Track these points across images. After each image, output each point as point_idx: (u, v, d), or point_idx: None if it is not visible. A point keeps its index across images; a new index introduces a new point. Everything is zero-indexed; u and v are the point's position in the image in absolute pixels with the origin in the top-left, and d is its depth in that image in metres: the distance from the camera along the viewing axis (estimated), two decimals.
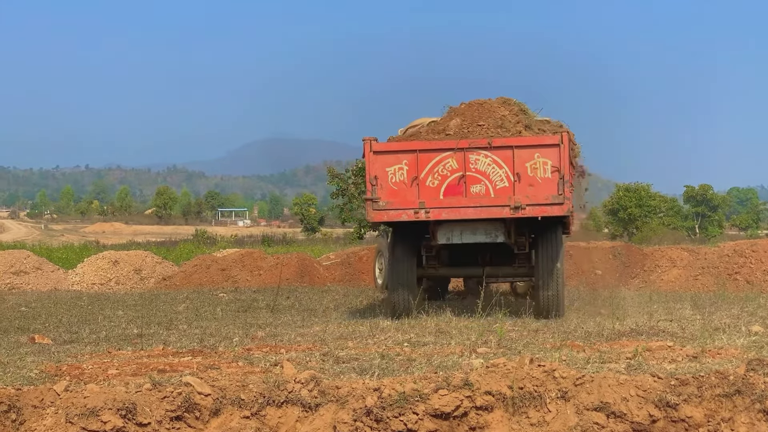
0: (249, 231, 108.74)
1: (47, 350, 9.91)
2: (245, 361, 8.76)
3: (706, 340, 9.89)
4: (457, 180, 12.70)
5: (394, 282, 13.50)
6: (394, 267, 13.56)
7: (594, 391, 7.01)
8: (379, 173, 12.82)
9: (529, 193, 12.59)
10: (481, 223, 13.00)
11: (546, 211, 12.75)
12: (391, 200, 12.81)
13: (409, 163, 12.77)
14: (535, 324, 11.83)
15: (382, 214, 12.91)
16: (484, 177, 12.68)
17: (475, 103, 13.64)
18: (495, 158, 12.63)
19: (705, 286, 22.08)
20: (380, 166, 12.84)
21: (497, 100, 13.78)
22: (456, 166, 12.70)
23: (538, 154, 12.62)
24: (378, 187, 12.79)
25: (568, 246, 27.97)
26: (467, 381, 7.03)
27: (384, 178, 12.80)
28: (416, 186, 12.73)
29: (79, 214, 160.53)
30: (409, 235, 13.59)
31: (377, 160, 12.86)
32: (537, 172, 12.59)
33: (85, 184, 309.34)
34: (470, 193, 12.70)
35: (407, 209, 12.76)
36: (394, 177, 12.80)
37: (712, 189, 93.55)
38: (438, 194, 12.74)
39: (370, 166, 12.88)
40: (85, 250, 46.41)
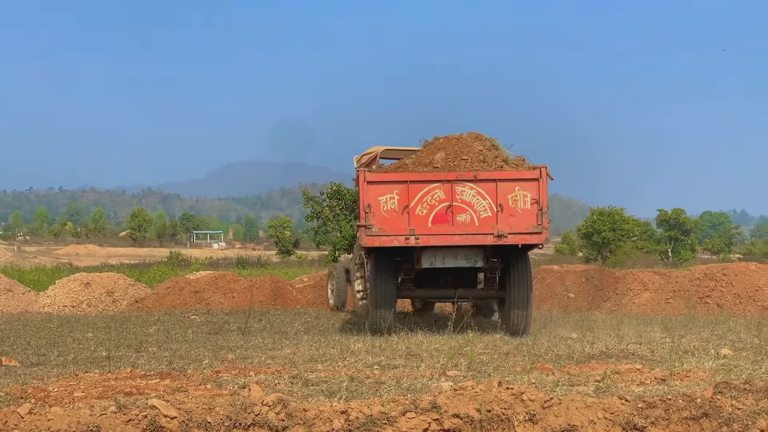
0: (224, 253, 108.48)
1: (13, 372, 9.81)
2: (213, 383, 8.70)
3: (674, 363, 9.92)
4: (444, 209, 13.67)
5: (377, 302, 14.31)
6: (377, 288, 14.35)
7: (562, 413, 7.02)
8: (372, 202, 13.66)
9: (510, 222, 13.61)
10: (462, 250, 14.01)
11: (526, 240, 13.75)
12: (383, 227, 13.64)
13: (399, 193, 13.69)
14: (506, 347, 11.84)
15: (375, 239, 13.69)
16: (469, 207, 13.67)
17: (453, 138, 14.47)
18: (479, 190, 13.67)
19: (676, 309, 22.19)
20: (373, 195, 13.68)
21: (469, 136, 14.61)
22: (443, 197, 13.67)
23: (518, 187, 13.68)
24: (371, 215, 13.63)
25: (542, 270, 28.07)
26: (435, 404, 7.03)
27: (377, 206, 13.66)
28: (406, 214, 13.63)
29: (52, 236, 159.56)
30: (390, 259, 14.45)
31: (370, 189, 13.70)
32: (518, 204, 13.64)
33: (59, 205, 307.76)
34: (456, 222, 13.66)
35: (398, 235, 13.65)
36: (385, 205, 13.68)
37: (684, 213, 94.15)
38: (426, 222, 13.67)
39: (364, 195, 13.71)
40: (57, 272, 46.14)
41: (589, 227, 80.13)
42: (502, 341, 12.57)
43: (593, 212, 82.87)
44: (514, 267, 14.37)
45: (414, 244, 13.77)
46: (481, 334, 13.47)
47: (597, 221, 79.35)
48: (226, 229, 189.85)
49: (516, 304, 14.21)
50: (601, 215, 79.83)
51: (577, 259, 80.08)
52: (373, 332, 14.10)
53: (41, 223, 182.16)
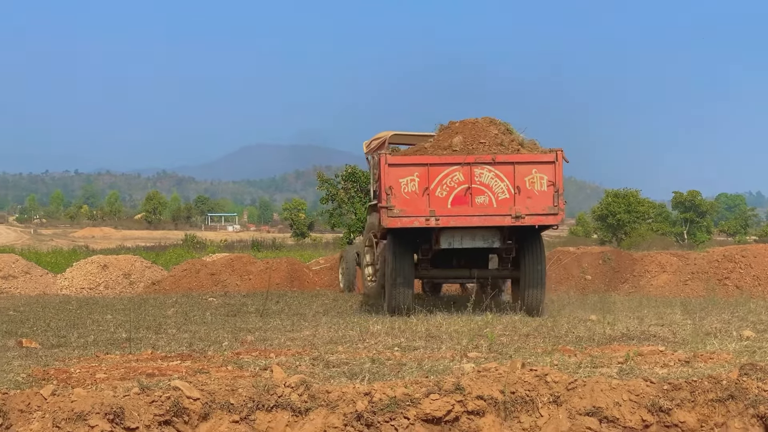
0: (239, 236, 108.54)
1: (35, 354, 9.81)
2: (235, 365, 8.68)
3: (697, 345, 9.86)
4: (463, 191, 13.94)
5: (396, 281, 14.53)
6: (396, 268, 14.55)
7: (586, 395, 6.97)
8: (394, 183, 13.94)
9: (528, 204, 13.91)
10: (479, 230, 14.30)
11: (543, 221, 14.08)
12: (404, 208, 13.92)
13: (420, 175, 13.97)
14: (525, 329, 11.79)
15: (396, 220, 13.97)
16: (487, 189, 13.95)
17: (469, 122, 14.79)
18: (497, 172, 13.94)
19: (694, 291, 22.08)
20: (394, 178, 13.95)
21: (484, 120, 14.92)
22: (462, 179, 13.94)
23: (535, 169, 13.97)
24: (392, 197, 13.91)
25: (558, 251, 27.97)
26: (459, 385, 6.98)
27: (398, 188, 13.93)
28: (427, 196, 13.92)
29: (68, 218, 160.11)
30: (408, 240, 14.72)
31: (391, 171, 13.97)
32: (534, 186, 13.93)
33: (75, 188, 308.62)
34: (475, 204, 13.95)
35: (419, 217, 13.93)
36: (406, 187, 13.96)
37: (700, 195, 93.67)
38: (446, 204, 13.95)
39: (385, 177, 13.98)
40: (74, 254, 46.25)
41: (604, 209, 79.84)
42: (522, 323, 12.52)
43: (608, 194, 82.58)
44: (528, 247, 14.67)
45: (434, 225, 14.02)
46: (499, 316, 13.43)
47: (612, 203, 79.05)
48: (241, 211, 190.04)
49: (531, 284, 14.53)
50: (616, 197, 79.53)
51: (592, 241, 79.85)
52: (392, 312, 14.35)
53: (57, 206, 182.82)
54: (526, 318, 13.27)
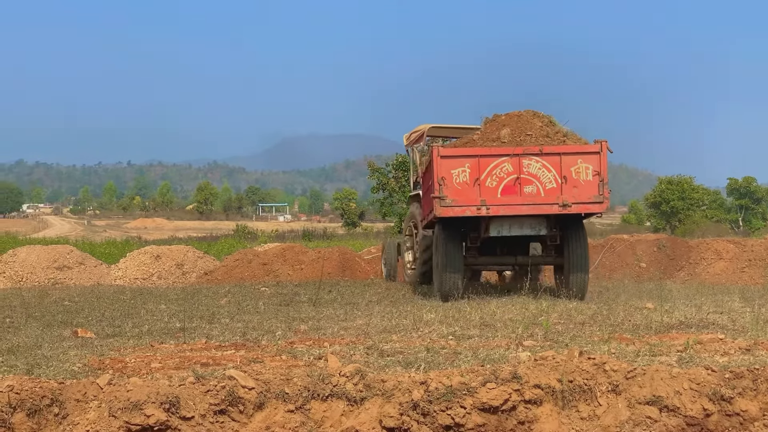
0: (290, 226, 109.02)
1: (90, 344, 9.86)
2: (289, 354, 8.66)
3: (758, 333, 9.67)
4: (512, 181, 14.47)
5: (446, 268, 15.14)
6: (446, 255, 15.17)
7: (646, 384, 6.85)
8: (446, 174, 14.47)
9: (574, 193, 14.44)
10: (527, 219, 14.86)
11: (589, 209, 14.73)
12: (456, 198, 14.45)
13: (471, 167, 14.50)
14: (580, 317, 11.65)
15: (449, 210, 14.50)
16: (535, 179, 14.49)
17: (514, 115, 15.43)
18: (545, 163, 14.47)
19: (752, 278, 21.76)
20: (446, 169, 14.48)
21: (528, 113, 15.54)
22: (511, 170, 14.47)
23: (581, 160, 14.50)
24: (444, 187, 14.44)
25: (611, 238, 27.71)
26: (516, 374, 6.89)
27: (449, 179, 14.46)
28: (477, 186, 14.44)
29: (121, 209, 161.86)
30: (457, 228, 15.31)
31: (443, 163, 14.50)
32: (580, 175, 14.46)
33: (127, 180, 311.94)
34: (524, 193, 14.47)
35: (470, 206, 14.46)
36: (458, 178, 14.49)
37: (755, 181, 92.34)
38: (496, 193, 14.47)
39: (438, 169, 14.49)
40: (128, 245, 46.68)
41: (658, 196, 79.05)
42: (577, 311, 12.37)
43: (661, 181, 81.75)
44: (572, 234, 15.28)
45: (485, 214, 14.55)
46: (554, 304, 13.30)
47: (665, 190, 78.25)
48: (292, 201, 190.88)
49: (576, 269, 15.13)
50: (670, 184, 78.72)
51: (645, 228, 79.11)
52: (444, 297, 14.92)
53: (110, 198, 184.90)
54: (581, 306, 13.12)
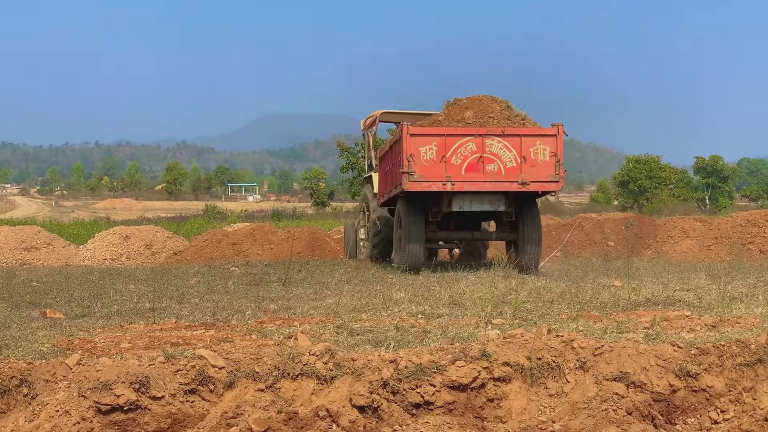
0: (259, 206, 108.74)
1: (59, 324, 9.83)
2: (259, 334, 8.67)
3: (724, 310, 9.78)
4: (476, 160, 15.37)
5: (409, 239, 16.13)
6: (410, 228, 16.14)
7: (613, 361, 6.91)
8: (414, 152, 15.33)
9: (532, 172, 15.37)
10: (488, 195, 15.80)
11: (546, 187, 15.71)
12: (423, 174, 15.35)
13: (438, 145, 15.38)
14: (549, 295, 11.73)
15: (416, 184, 15.40)
16: (497, 158, 15.39)
17: (475, 99, 16.27)
18: (506, 143, 15.38)
19: (718, 256, 21.96)
20: (414, 146, 15.35)
21: (487, 98, 16.36)
22: (475, 149, 15.37)
23: (539, 141, 15.42)
24: (413, 163, 15.31)
25: (580, 217, 27.85)
26: (485, 352, 6.94)
27: (417, 156, 15.33)
28: (443, 163, 15.33)
29: (89, 190, 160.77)
30: (421, 203, 16.26)
31: (412, 141, 15.37)
32: (538, 156, 15.39)
33: (95, 160, 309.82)
34: (486, 171, 15.39)
35: (437, 181, 15.39)
36: (425, 155, 15.36)
37: (722, 160, 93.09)
38: (460, 171, 15.37)
39: (407, 146, 15.33)
40: (96, 225, 46.42)
41: (625, 175, 79.51)
42: (546, 289, 12.46)
43: (629, 160, 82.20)
44: (527, 212, 16.33)
45: (450, 189, 15.48)
46: (522, 282, 13.38)
47: (633, 169, 78.71)
48: (261, 181, 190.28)
49: (529, 242, 16.19)
50: (638, 163, 79.18)
51: (613, 207, 79.53)
52: (403, 267, 15.96)
53: (78, 178, 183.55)
54: (549, 284, 13.21)
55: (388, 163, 17.46)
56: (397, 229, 16.94)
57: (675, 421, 6.91)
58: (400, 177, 15.55)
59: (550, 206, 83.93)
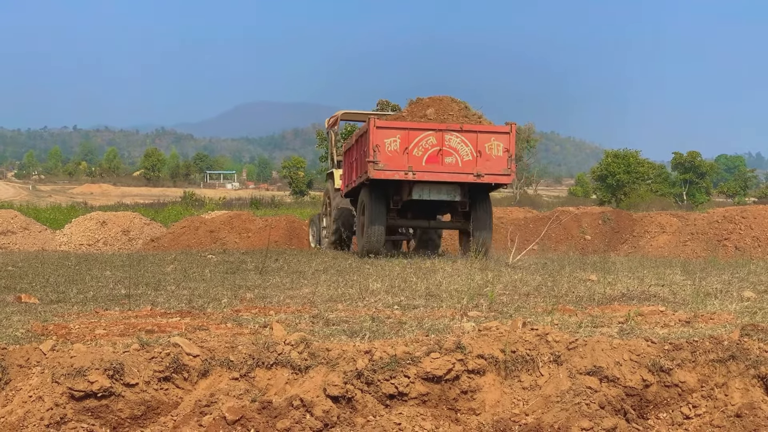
0: (237, 194, 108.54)
1: (34, 310, 9.78)
2: (234, 322, 8.66)
3: (698, 306, 9.84)
4: (435, 152, 16.71)
5: (372, 223, 17.38)
6: (372, 213, 17.38)
7: (587, 355, 6.95)
8: (380, 143, 16.60)
9: (487, 165, 16.77)
10: (445, 185, 17.12)
11: (498, 179, 17.14)
12: (387, 163, 16.64)
13: (401, 138, 16.67)
14: (525, 288, 11.77)
15: (380, 173, 16.70)
16: (455, 152, 16.74)
17: (436, 99, 17.70)
18: (463, 139, 16.73)
19: (694, 251, 22.09)
20: (380, 138, 16.62)
21: (447, 98, 17.74)
22: (435, 143, 16.71)
23: (494, 138, 16.85)
24: (378, 153, 16.58)
25: (558, 211, 27.96)
26: (459, 344, 6.96)
27: (383, 147, 16.59)
28: (406, 155, 16.63)
29: (67, 175, 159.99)
30: (383, 190, 17.55)
31: (378, 133, 16.64)
32: (493, 151, 16.76)
33: (73, 145, 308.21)
34: (445, 163, 16.76)
35: (399, 171, 16.71)
36: (390, 146, 16.62)
37: (700, 156, 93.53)
38: (421, 162, 16.70)
39: (373, 137, 16.60)
40: (73, 210, 46.22)
41: (604, 169, 79.78)
42: (522, 282, 12.49)
43: (608, 154, 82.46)
44: (480, 202, 17.72)
45: (411, 178, 16.82)
46: (499, 275, 13.41)
47: (611, 163, 78.97)
48: (240, 169, 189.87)
49: (482, 229, 17.56)
50: (616, 157, 79.43)
51: (591, 201, 79.84)
52: (365, 251, 17.30)
53: (56, 163, 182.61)
54: (526, 277, 13.25)
55: (353, 155, 18.61)
56: (360, 216, 18.25)
57: (647, 415, 6.96)
58: (365, 166, 16.82)
59: (528, 199, 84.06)
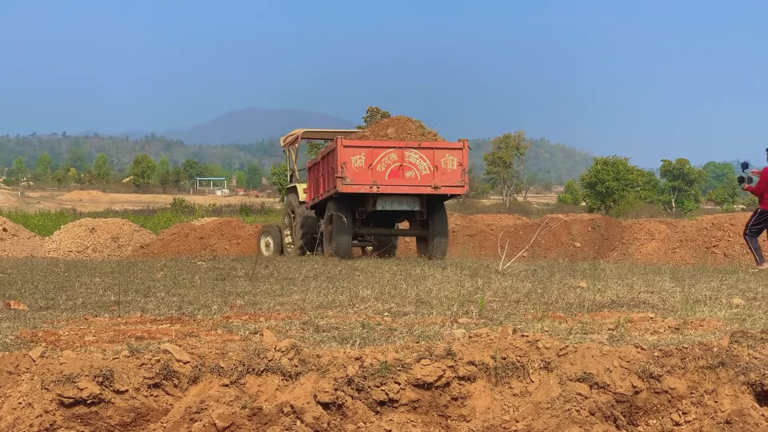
0: (227, 200, 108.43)
1: (23, 316, 9.75)
2: (224, 329, 8.65)
3: (687, 312, 9.85)
4: (397, 168, 18.45)
5: (339, 233, 18.99)
6: (339, 223, 18.82)
7: (577, 361, 6.96)
8: (347, 160, 18.31)
9: (443, 178, 18.52)
10: (405, 197, 18.90)
11: (454, 191, 19.10)
12: (353, 178, 18.36)
13: (366, 155, 18.39)
14: (515, 295, 11.77)
15: (348, 187, 18.43)
16: (414, 167, 18.49)
17: (395, 119, 19.84)
18: (421, 155, 18.52)
19: (683, 258, 22.16)
20: (347, 156, 18.34)
21: (404, 117, 19.81)
22: (396, 159, 18.46)
23: (448, 153, 18.66)
24: (346, 170, 18.27)
25: (548, 218, 28.02)
26: (450, 351, 6.96)
27: (349, 164, 18.30)
28: (371, 170, 18.32)
29: (56, 181, 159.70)
30: (348, 203, 19.13)
31: (345, 151, 18.37)
32: (447, 165, 18.51)
33: (63, 151, 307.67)
34: (405, 177, 18.51)
35: (365, 185, 18.46)
36: (356, 163, 18.33)
37: (689, 163, 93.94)
38: (384, 176, 18.40)
39: (340, 155, 18.32)
40: (62, 217, 46.13)
41: (593, 177, 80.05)
42: (512, 289, 12.50)
43: (597, 162, 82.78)
44: (437, 211, 19.47)
45: (376, 191, 18.58)
46: (489, 282, 13.42)
47: (601, 171, 79.24)
48: (230, 176, 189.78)
49: (439, 236, 19.32)
50: (605, 165, 79.71)
51: (580, 208, 79.97)
52: (335, 253, 18.95)
53: (45, 169, 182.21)
54: (516, 284, 13.26)
55: (319, 171, 20.22)
56: (327, 225, 19.74)
57: (637, 422, 6.97)
58: (334, 181, 18.49)
59: (518, 206, 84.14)
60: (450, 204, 26.19)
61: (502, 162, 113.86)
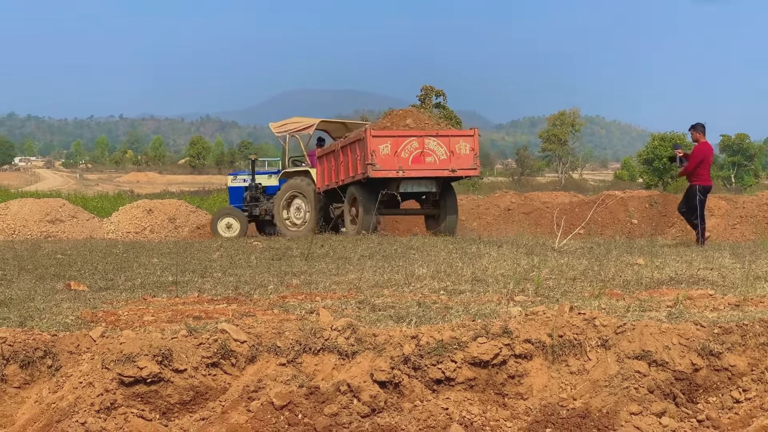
0: None
1: (83, 297, 9.88)
2: (281, 308, 8.69)
3: (747, 289, 9.71)
4: (418, 154, 20.32)
5: (367, 212, 20.70)
6: (367, 203, 20.64)
7: (635, 339, 6.90)
8: (375, 148, 20.11)
9: (458, 162, 20.39)
10: (425, 180, 20.78)
11: (467, 173, 20.94)
12: (381, 165, 20.12)
13: (391, 144, 20.26)
14: (572, 272, 11.68)
15: (378, 172, 20.15)
16: (433, 153, 20.34)
17: (409, 111, 21.92)
18: (439, 142, 20.40)
19: (743, 235, 21.84)
20: (376, 144, 20.15)
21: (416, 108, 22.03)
22: (417, 146, 20.33)
23: (462, 140, 20.63)
24: (375, 156, 20.05)
25: (604, 194, 27.77)
26: (506, 329, 6.94)
27: (377, 152, 20.13)
28: (396, 157, 20.19)
29: (113, 163, 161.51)
30: (375, 187, 20.64)
31: (374, 140, 20.17)
32: (461, 151, 20.43)
33: (119, 134, 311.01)
34: (426, 162, 20.39)
35: (391, 170, 20.26)
36: (383, 151, 20.17)
37: (748, 138, 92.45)
38: (408, 162, 20.30)
39: (370, 144, 20.10)
40: (120, 199, 46.64)
41: (650, 153, 79.04)
42: (568, 267, 12.40)
43: (654, 138, 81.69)
44: (448, 191, 21.34)
45: (401, 176, 20.43)
46: (545, 259, 13.33)
47: (658, 146, 78.19)
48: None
49: (450, 213, 21.22)
50: (663, 140, 78.64)
51: (637, 185, 79.13)
52: (363, 230, 20.42)
53: (102, 151, 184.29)
54: (572, 262, 13.16)
55: (338, 158, 21.71)
56: (350, 207, 21.50)
57: (696, 399, 6.90)
58: (363, 167, 20.19)
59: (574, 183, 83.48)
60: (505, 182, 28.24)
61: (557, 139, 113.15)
